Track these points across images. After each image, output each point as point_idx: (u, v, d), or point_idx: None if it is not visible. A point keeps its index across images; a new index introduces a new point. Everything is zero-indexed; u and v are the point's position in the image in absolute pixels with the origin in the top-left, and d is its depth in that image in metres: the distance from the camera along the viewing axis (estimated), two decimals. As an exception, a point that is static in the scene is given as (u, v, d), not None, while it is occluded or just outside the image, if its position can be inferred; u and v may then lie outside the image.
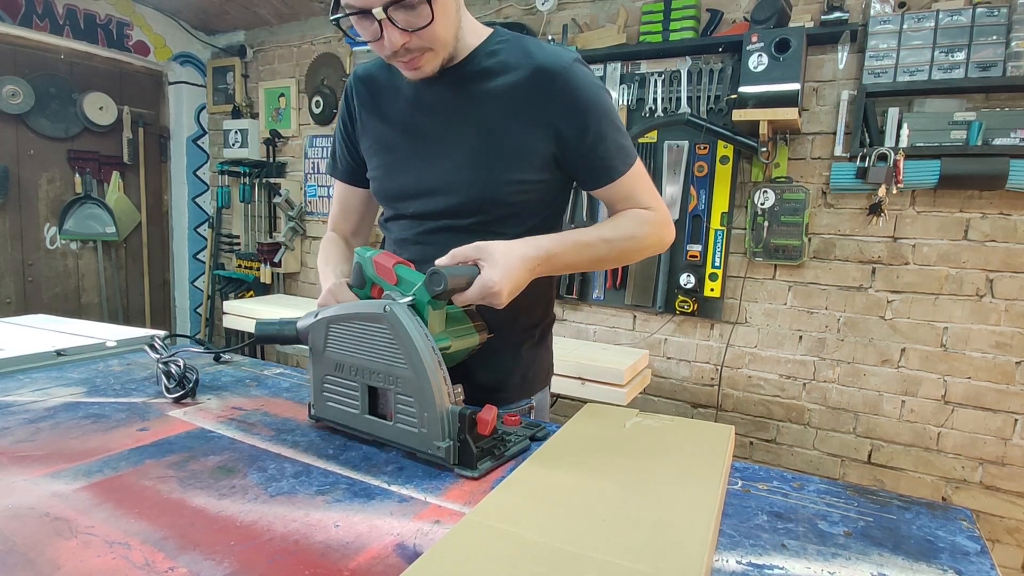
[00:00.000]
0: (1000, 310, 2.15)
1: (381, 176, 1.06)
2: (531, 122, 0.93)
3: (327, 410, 0.84)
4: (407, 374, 0.73)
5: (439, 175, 0.98)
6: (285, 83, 3.83)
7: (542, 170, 0.97)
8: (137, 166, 3.97)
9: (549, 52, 0.93)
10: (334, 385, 0.82)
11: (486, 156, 0.95)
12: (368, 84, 1.06)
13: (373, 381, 0.77)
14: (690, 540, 0.54)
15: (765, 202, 2.43)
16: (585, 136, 0.93)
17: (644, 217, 0.99)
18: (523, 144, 0.94)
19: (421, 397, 0.72)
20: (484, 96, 0.94)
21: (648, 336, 2.79)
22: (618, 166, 0.96)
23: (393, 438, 0.77)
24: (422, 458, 0.76)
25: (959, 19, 2.04)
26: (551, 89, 0.91)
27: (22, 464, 0.70)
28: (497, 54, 0.95)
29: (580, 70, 0.92)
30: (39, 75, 3.44)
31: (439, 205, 0.99)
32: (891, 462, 2.37)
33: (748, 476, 0.76)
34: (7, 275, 3.46)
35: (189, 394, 0.97)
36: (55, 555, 0.52)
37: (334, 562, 0.54)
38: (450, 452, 0.72)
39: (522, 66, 0.92)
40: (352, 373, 0.79)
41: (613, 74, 2.70)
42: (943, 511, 0.68)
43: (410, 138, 1.01)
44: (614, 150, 0.95)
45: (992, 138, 2.04)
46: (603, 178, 0.97)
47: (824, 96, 2.37)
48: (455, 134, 0.97)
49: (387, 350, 0.74)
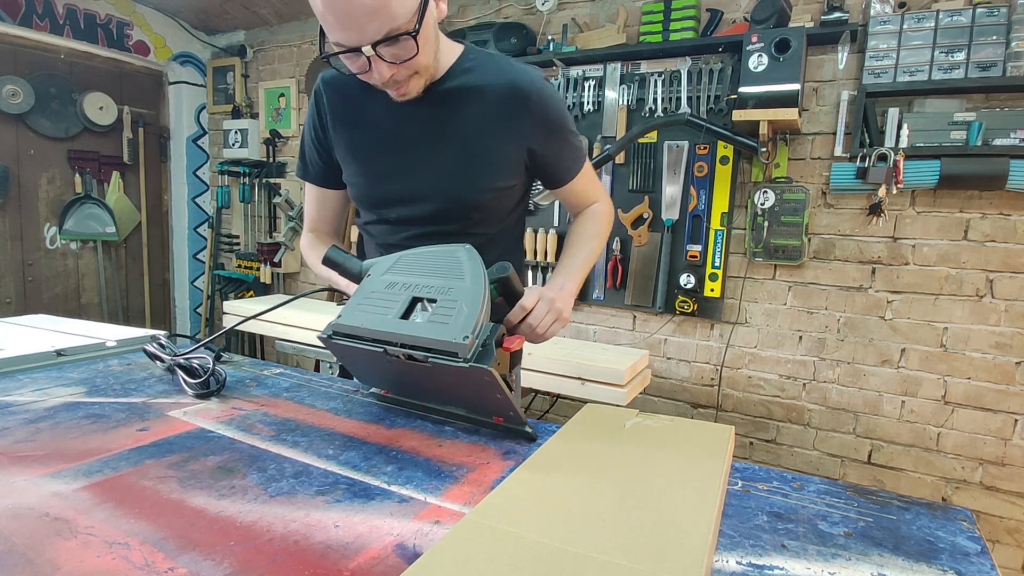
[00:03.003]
0: (1000, 310, 2.15)
1: (363, 183, 1.11)
2: (506, 134, 1.04)
3: (356, 318, 0.85)
4: (463, 284, 0.82)
5: (423, 184, 1.06)
6: (285, 83, 3.83)
7: (514, 176, 1.09)
8: (137, 166, 3.97)
9: (520, 70, 1.04)
10: (376, 298, 0.87)
11: (466, 166, 1.04)
12: (337, 90, 1.09)
13: (422, 293, 0.84)
14: (690, 540, 0.54)
15: (765, 202, 2.43)
16: (552, 146, 1.08)
17: (601, 214, 1.20)
18: (499, 154, 1.05)
19: (470, 300, 0.79)
20: (462, 110, 1.03)
21: (648, 336, 2.79)
22: (575, 167, 1.14)
23: (415, 332, 0.80)
24: (436, 352, 0.78)
25: (959, 19, 2.04)
26: (525, 106, 1.02)
27: (22, 464, 0.70)
28: (472, 71, 1.04)
29: (549, 88, 1.06)
30: (39, 75, 3.44)
31: (424, 211, 1.07)
32: (891, 462, 2.37)
33: (748, 476, 0.76)
34: (7, 275, 3.46)
35: (215, 392, 0.99)
36: (55, 555, 0.52)
37: (334, 562, 0.54)
38: (472, 349, 0.76)
39: (497, 83, 1.02)
40: (402, 289, 0.86)
41: (613, 74, 2.70)
42: (943, 511, 0.68)
43: (392, 148, 1.06)
44: (573, 154, 1.12)
45: (992, 138, 2.04)
46: (564, 178, 1.14)
47: (824, 96, 2.37)
48: (437, 145, 1.04)
49: (452, 271, 0.85)
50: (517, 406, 0.83)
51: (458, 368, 0.76)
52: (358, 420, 0.91)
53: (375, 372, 0.95)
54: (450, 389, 0.88)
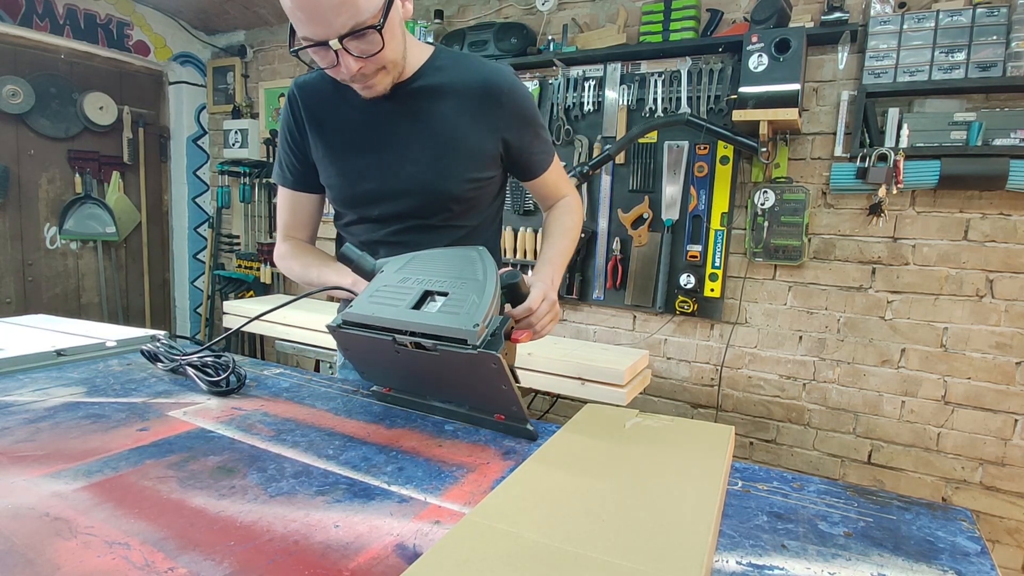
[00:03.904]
0: (1000, 310, 2.15)
1: (341, 184, 1.12)
2: (482, 128, 1.08)
3: (367, 308, 0.86)
4: (477, 277, 0.85)
5: (403, 180, 1.08)
6: (285, 83, 3.83)
7: (490, 168, 1.13)
8: (137, 166, 3.97)
9: (492, 67, 1.09)
10: (388, 291, 0.89)
11: (445, 159, 1.08)
12: (311, 94, 1.12)
13: (434, 287, 0.86)
14: (690, 540, 0.54)
15: (765, 202, 2.43)
16: (525, 138, 1.13)
17: (574, 207, 1.26)
18: (476, 147, 1.09)
19: (481, 292, 0.82)
20: (436, 105, 1.07)
21: (648, 336, 2.79)
22: (547, 159, 1.19)
23: (425, 321, 0.81)
24: (446, 339, 0.79)
25: (959, 19, 2.04)
26: (499, 100, 1.07)
27: (22, 464, 0.70)
28: (443, 69, 1.08)
29: (521, 85, 1.11)
30: (39, 75, 3.44)
31: (405, 206, 1.10)
32: (891, 462, 2.37)
33: (748, 476, 0.76)
34: (7, 275, 3.46)
35: (235, 390, 1.00)
36: (55, 555, 0.52)
37: (334, 562, 0.54)
38: (481, 336, 0.77)
39: (470, 79, 1.07)
40: (415, 282, 0.88)
41: (613, 74, 2.70)
42: (943, 512, 0.68)
43: (368, 147, 1.09)
44: (544, 147, 1.18)
45: (992, 138, 2.04)
46: (537, 170, 1.19)
47: (824, 96, 2.37)
48: (412, 139, 1.07)
49: (465, 268, 0.88)
50: (520, 400, 0.84)
51: (466, 356, 0.77)
52: (358, 420, 0.91)
53: (380, 365, 0.96)
54: (454, 381, 0.88)
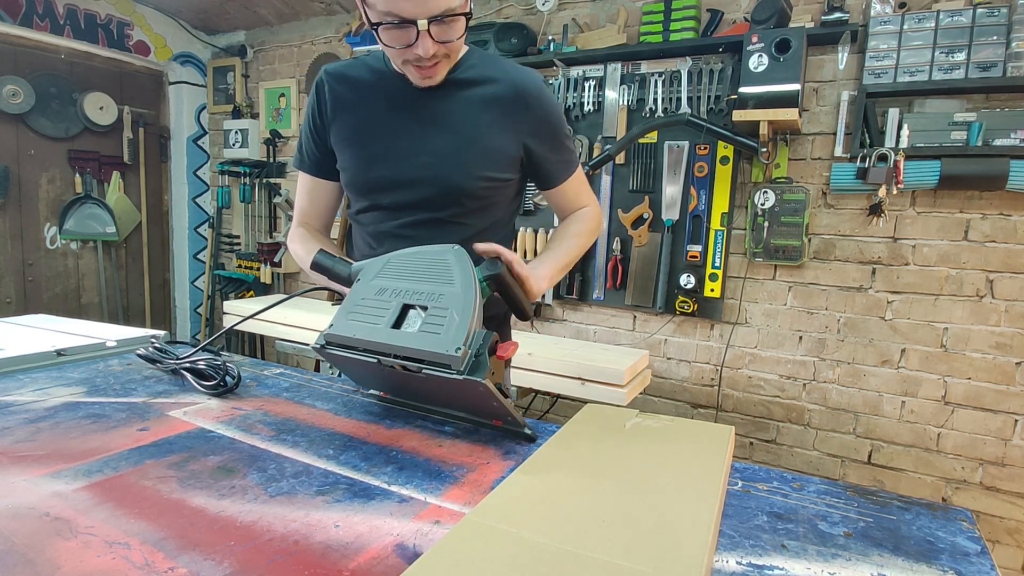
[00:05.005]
0: (1000, 311, 2.15)
1: (355, 167, 1.12)
2: (505, 129, 1.07)
3: (348, 327, 0.85)
4: (454, 290, 0.81)
5: (417, 168, 1.07)
6: (285, 83, 3.83)
7: (509, 170, 1.11)
8: (137, 166, 3.97)
9: (524, 71, 1.09)
10: (367, 306, 0.86)
11: (462, 154, 1.06)
12: (342, 82, 1.12)
13: (413, 300, 0.83)
14: (690, 540, 0.54)
15: (765, 202, 2.43)
16: (548, 145, 1.12)
17: (589, 216, 1.23)
18: (496, 147, 1.08)
19: (460, 307, 0.78)
20: (464, 101, 1.06)
21: (648, 336, 2.79)
22: (569, 169, 1.17)
23: (408, 344, 0.78)
24: (429, 363, 0.77)
25: (959, 19, 2.04)
26: (527, 104, 1.07)
27: (22, 464, 0.70)
28: (475, 67, 1.08)
29: (548, 92, 1.11)
30: (39, 75, 3.44)
31: (416, 196, 1.08)
32: (891, 463, 2.37)
33: (748, 476, 0.76)
34: (7, 275, 3.46)
35: (231, 390, 1.00)
36: (55, 555, 0.52)
37: (334, 562, 0.54)
38: (464, 360, 0.75)
39: (501, 80, 1.07)
40: (393, 295, 0.85)
41: (613, 74, 2.70)
42: (943, 512, 0.68)
43: (387, 133, 1.08)
44: (568, 157, 1.16)
45: (992, 139, 2.04)
46: (556, 179, 1.17)
47: (824, 96, 2.37)
48: (432, 130, 1.07)
49: (441, 275, 0.84)
50: (513, 411, 0.83)
51: (452, 379, 0.76)
52: (358, 420, 0.91)
53: (372, 378, 0.95)
54: (447, 395, 0.88)
